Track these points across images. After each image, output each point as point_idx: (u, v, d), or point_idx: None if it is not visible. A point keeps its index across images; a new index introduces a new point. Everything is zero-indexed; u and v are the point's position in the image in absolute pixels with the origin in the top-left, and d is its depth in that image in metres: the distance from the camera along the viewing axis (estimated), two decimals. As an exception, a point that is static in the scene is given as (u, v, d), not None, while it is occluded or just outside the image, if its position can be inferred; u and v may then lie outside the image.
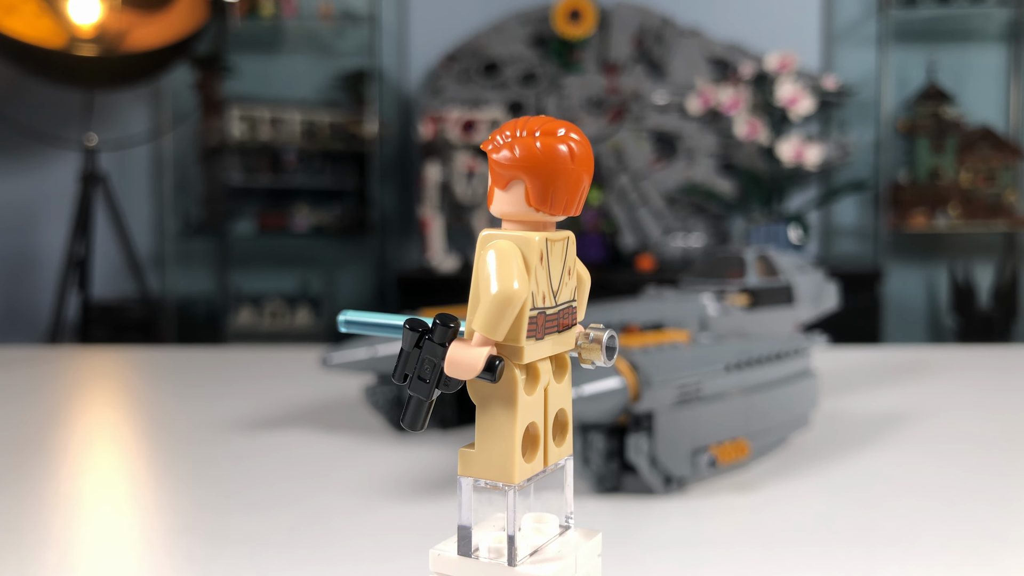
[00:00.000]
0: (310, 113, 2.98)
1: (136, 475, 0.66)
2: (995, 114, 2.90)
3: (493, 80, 3.05)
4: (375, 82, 2.95)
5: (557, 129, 0.31)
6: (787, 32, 2.97)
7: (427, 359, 0.31)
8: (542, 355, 0.32)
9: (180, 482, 0.63)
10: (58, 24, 2.42)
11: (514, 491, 0.31)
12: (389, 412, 0.76)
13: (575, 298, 0.34)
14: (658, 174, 2.98)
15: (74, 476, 0.65)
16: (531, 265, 0.31)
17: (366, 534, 0.52)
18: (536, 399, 0.32)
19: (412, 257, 3.18)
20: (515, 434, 0.31)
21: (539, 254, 0.31)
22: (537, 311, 0.31)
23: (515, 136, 0.31)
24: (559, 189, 0.31)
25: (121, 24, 2.47)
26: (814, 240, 3.00)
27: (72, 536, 0.52)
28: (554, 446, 0.33)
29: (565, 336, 0.33)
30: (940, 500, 0.57)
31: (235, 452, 0.71)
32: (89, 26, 2.43)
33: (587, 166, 0.31)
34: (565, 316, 0.33)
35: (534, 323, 0.31)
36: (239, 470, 0.67)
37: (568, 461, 0.34)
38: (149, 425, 0.80)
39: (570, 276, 0.33)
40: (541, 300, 0.31)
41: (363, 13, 2.97)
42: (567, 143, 0.31)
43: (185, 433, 0.77)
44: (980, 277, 2.86)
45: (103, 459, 0.72)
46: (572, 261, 0.33)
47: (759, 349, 0.63)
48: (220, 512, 0.56)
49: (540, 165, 0.30)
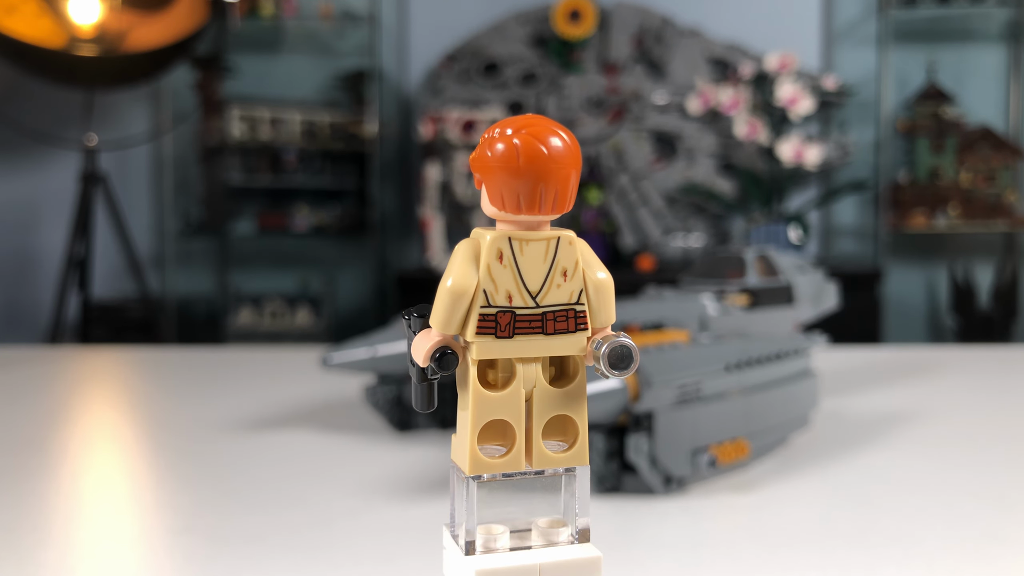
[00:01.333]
0: (310, 113, 2.98)
1: (136, 475, 0.66)
2: (995, 114, 2.90)
3: (493, 80, 3.05)
4: (375, 82, 2.95)
5: (507, 128, 0.31)
6: (787, 32, 2.97)
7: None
8: (508, 354, 0.32)
9: (180, 482, 0.63)
10: (58, 24, 2.42)
11: (468, 481, 0.32)
12: (389, 412, 0.76)
13: (579, 302, 0.32)
14: (658, 174, 2.98)
15: (74, 476, 0.65)
16: (485, 263, 0.31)
17: (366, 534, 0.52)
18: (510, 397, 0.32)
19: (412, 257, 3.18)
20: (469, 426, 0.32)
21: (496, 253, 0.31)
22: (498, 309, 0.31)
23: (483, 137, 0.32)
24: (508, 189, 0.31)
25: (121, 24, 2.47)
26: (814, 240, 3.00)
27: (72, 536, 0.52)
28: (547, 450, 0.33)
29: (560, 340, 0.32)
30: (940, 500, 0.57)
31: (235, 452, 0.71)
32: (89, 26, 2.43)
33: (540, 164, 0.31)
34: (558, 320, 0.32)
35: (491, 320, 0.32)
36: (239, 470, 0.67)
37: (582, 472, 0.33)
38: (149, 425, 0.80)
39: (565, 278, 0.32)
40: (505, 299, 0.32)
41: (363, 13, 2.97)
42: (515, 142, 0.31)
43: (185, 433, 0.77)
44: (980, 277, 2.86)
45: (103, 459, 0.72)
46: (569, 263, 0.32)
47: (759, 349, 0.63)
48: (220, 512, 0.57)
49: (488, 166, 0.31)
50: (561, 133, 0.31)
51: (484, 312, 0.31)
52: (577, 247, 0.32)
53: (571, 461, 0.33)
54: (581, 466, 0.33)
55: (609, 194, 2.97)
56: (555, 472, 0.33)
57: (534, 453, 0.33)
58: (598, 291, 0.32)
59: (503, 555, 0.32)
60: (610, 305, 0.33)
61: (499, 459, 0.32)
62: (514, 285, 0.32)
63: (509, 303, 0.32)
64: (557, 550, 0.33)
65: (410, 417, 0.75)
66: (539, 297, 0.32)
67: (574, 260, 0.32)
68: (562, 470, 0.33)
